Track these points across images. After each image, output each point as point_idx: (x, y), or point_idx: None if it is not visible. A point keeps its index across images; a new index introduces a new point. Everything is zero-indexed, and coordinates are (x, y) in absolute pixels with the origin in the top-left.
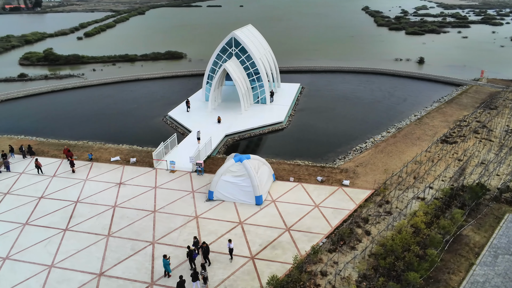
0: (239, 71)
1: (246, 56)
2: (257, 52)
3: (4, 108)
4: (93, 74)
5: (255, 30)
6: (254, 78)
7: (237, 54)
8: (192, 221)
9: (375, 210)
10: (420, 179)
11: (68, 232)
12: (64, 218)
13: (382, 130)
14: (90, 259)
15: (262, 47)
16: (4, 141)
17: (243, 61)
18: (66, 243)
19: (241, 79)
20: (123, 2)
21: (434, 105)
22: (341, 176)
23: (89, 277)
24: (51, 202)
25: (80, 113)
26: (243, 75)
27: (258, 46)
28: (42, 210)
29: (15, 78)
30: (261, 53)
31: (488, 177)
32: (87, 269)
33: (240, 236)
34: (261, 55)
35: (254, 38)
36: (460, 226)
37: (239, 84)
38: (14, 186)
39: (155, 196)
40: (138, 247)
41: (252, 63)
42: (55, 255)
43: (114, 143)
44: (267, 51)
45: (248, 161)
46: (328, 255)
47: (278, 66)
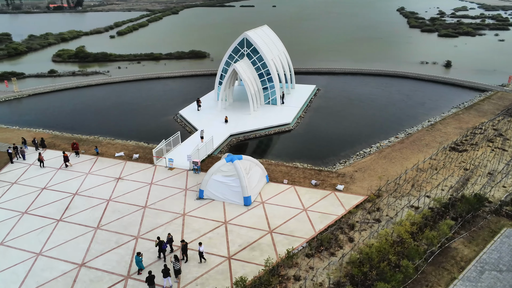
0: (250, 71)
1: (258, 56)
2: (269, 53)
3: (30, 102)
4: (117, 72)
5: (270, 31)
6: (265, 78)
7: (249, 54)
8: (178, 218)
9: (364, 217)
10: (418, 187)
11: (61, 223)
12: (60, 209)
13: (391, 135)
14: (75, 250)
15: (276, 48)
16: (23, 133)
17: (254, 61)
18: (57, 233)
19: (251, 79)
20: (160, 2)
21: (452, 111)
22: (336, 181)
23: (71, 266)
24: (52, 193)
25: (97, 108)
26: (254, 75)
27: (272, 47)
28: (42, 200)
29: (45, 74)
30: (274, 54)
31: (492, 188)
32: (70, 259)
33: (222, 236)
34: (273, 56)
35: (267, 39)
36: (450, 238)
37: (248, 84)
38: (22, 177)
39: (148, 192)
40: (122, 240)
41: (264, 64)
42: (45, 244)
43: (122, 139)
44: (281, 52)
45: (238, 161)
46: (306, 260)
47: (293, 67)
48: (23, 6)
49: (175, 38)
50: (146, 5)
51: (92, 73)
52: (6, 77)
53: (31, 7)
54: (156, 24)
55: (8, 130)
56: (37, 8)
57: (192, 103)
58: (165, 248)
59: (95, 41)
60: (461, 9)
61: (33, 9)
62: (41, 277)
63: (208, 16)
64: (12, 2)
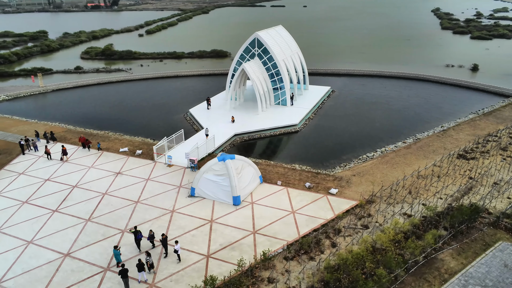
0: (260, 71)
1: (269, 57)
2: (280, 53)
3: (53, 97)
4: (139, 69)
5: (284, 31)
6: (276, 79)
7: (260, 54)
8: (166, 215)
9: (352, 222)
10: (415, 194)
11: (56, 214)
12: (58, 200)
13: (399, 139)
14: (64, 240)
15: (288, 49)
16: (39, 126)
17: (265, 62)
18: (50, 223)
19: (260, 79)
20: (192, 1)
21: (468, 117)
22: (332, 184)
23: (57, 256)
24: (54, 185)
25: (113, 104)
26: (264, 75)
27: (284, 47)
28: (43, 191)
29: (71, 70)
30: (286, 54)
31: (495, 198)
32: (58, 248)
33: (205, 234)
34: (285, 56)
35: (280, 39)
36: (438, 249)
37: (256, 84)
38: (29, 168)
39: (143, 188)
40: (109, 233)
41: (274, 64)
42: (37, 233)
43: (131, 135)
44: (294, 53)
45: (230, 161)
46: (283, 263)
47: (312, 68)
48: (64, 5)
49: (200, 37)
50: (179, 5)
51: (115, 70)
52: (34, 72)
53: (71, 6)
54: (185, 24)
55: (27, 123)
56: (76, 7)
57: (203, 101)
58: (139, 238)
59: (124, 39)
60: (501, 10)
61: (72, 8)
62: (28, 264)
63: (237, 15)
64: (53, 1)
